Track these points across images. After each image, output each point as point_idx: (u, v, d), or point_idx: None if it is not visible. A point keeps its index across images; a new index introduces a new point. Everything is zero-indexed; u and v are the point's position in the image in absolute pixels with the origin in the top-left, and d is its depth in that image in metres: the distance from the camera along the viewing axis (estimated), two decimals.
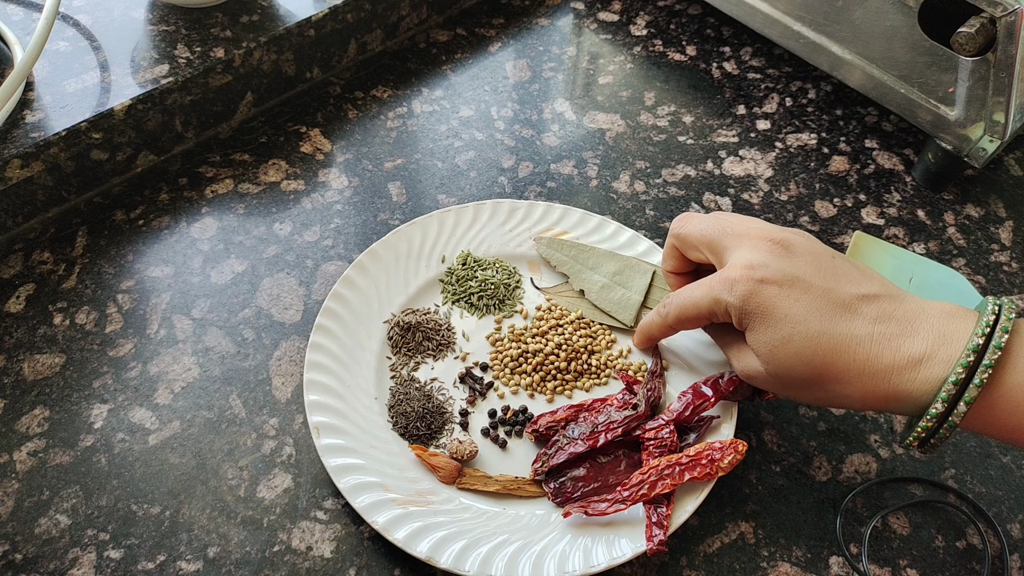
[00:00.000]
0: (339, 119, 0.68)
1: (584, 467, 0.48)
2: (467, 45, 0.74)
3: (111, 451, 0.49)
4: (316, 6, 0.66)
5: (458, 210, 0.58)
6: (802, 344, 0.41)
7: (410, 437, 0.50)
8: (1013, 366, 0.38)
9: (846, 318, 0.41)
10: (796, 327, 0.41)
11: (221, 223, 0.60)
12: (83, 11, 0.64)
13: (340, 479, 0.46)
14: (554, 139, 0.68)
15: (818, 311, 0.41)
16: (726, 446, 0.46)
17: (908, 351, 0.40)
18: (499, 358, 0.53)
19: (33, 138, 0.55)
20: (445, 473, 0.48)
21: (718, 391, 0.48)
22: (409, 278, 0.56)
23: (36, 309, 0.55)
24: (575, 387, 0.52)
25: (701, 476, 0.46)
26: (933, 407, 0.39)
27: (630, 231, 0.58)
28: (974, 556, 0.48)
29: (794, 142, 0.68)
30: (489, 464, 0.49)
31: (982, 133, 0.59)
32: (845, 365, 0.40)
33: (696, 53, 0.75)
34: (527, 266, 0.58)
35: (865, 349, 0.40)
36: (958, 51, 0.56)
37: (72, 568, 0.45)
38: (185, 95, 0.61)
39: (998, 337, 0.38)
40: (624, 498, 0.45)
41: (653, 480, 0.45)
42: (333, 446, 0.48)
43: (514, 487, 0.48)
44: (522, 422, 0.50)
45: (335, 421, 0.49)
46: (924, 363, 0.39)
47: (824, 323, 0.41)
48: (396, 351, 0.53)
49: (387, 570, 0.46)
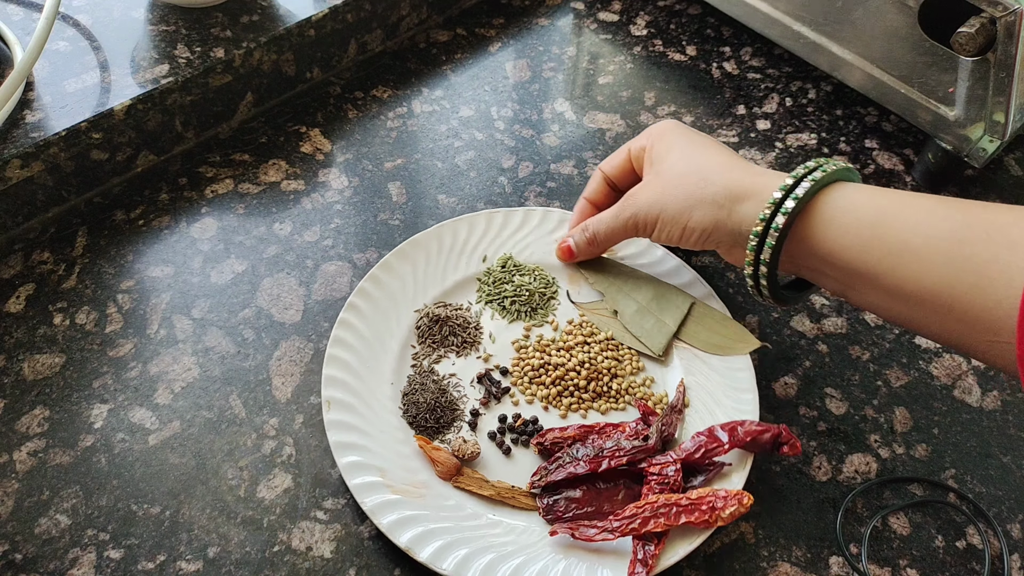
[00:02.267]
0: (339, 119, 0.68)
1: (581, 489, 0.47)
2: (467, 45, 0.74)
3: (111, 451, 0.49)
4: (316, 6, 0.66)
5: (507, 212, 0.58)
6: (687, 152, 0.49)
7: (418, 427, 0.50)
8: (826, 195, 0.44)
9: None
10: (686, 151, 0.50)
11: (221, 223, 0.60)
12: (83, 11, 0.64)
13: (340, 456, 0.47)
14: (554, 139, 0.68)
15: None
16: (730, 496, 0.45)
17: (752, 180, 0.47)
18: (520, 365, 0.53)
19: (33, 138, 0.55)
20: (444, 469, 0.48)
21: (734, 438, 0.47)
22: (448, 272, 0.56)
23: (36, 309, 0.55)
24: (591, 407, 0.52)
25: (698, 522, 0.44)
26: (756, 226, 0.45)
27: (676, 259, 0.56)
28: (974, 556, 0.48)
29: (794, 142, 0.68)
30: (489, 468, 0.49)
31: (982, 133, 0.59)
32: (716, 164, 0.48)
33: (696, 53, 0.75)
34: (567, 278, 0.57)
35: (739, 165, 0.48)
36: (958, 51, 0.56)
37: (72, 568, 0.45)
38: (185, 95, 0.61)
39: (809, 169, 0.44)
40: (614, 528, 0.44)
41: (647, 516, 0.44)
42: (340, 422, 0.48)
43: (508, 495, 0.47)
44: (531, 432, 0.50)
45: (347, 398, 0.49)
46: (748, 198, 0.46)
47: None
48: (421, 341, 0.53)
49: (387, 570, 0.46)
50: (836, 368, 0.55)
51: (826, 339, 0.56)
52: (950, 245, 0.39)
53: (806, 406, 0.53)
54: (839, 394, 0.54)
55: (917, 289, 0.40)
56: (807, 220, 0.44)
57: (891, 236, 0.41)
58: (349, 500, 0.48)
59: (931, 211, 0.41)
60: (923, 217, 0.41)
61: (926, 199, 0.42)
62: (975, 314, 0.38)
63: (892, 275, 0.41)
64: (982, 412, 0.53)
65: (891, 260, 0.41)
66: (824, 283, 0.46)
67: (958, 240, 0.39)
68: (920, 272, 0.40)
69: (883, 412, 0.53)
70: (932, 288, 0.40)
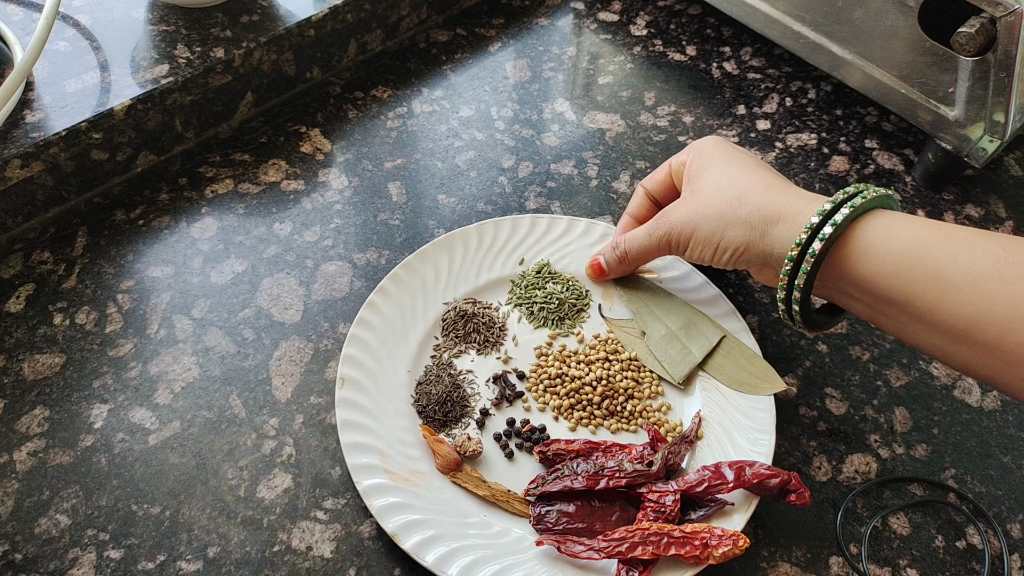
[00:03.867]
0: (339, 119, 0.68)
1: (576, 504, 0.47)
2: (467, 45, 0.74)
3: (111, 451, 0.49)
4: (316, 6, 0.66)
5: (551, 219, 0.58)
6: (730, 174, 0.48)
7: (426, 417, 0.50)
8: (860, 229, 0.43)
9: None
10: (729, 170, 0.49)
11: (221, 223, 0.60)
12: (83, 11, 0.64)
13: (344, 434, 0.47)
14: (554, 139, 0.68)
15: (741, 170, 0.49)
16: (726, 536, 0.44)
17: (790, 202, 0.46)
18: (538, 372, 0.53)
19: (33, 138, 0.55)
20: (444, 462, 0.48)
21: (740, 479, 0.45)
22: (483, 269, 0.56)
23: (36, 309, 0.55)
24: (601, 424, 0.51)
25: (687, 556, 0.43)
26: (791, 250, 0.44)
27: (715, 289, 0.55)
28: (974, 556, 0.48)
29: (794, 142, 0.68)
30: (489, 469, 0.49)
31: (982, 133, 0.59)
32: (756, 180, 0.47)
33: (696, 53, 0.75)
34: (600, 292, 0.57)
35: (776, 184, 0.47)
36: (958, 51, 0.56)
37: (72, 568, 0.45)
38: (185, 95, 0.61)
39: (849, 195, 0.44)
40: (600, 548, 0.44)
41: (635, 541, 0.43)
42: (350, 400, 0.49)
43: (503, 499, 0.47)
44: (536, 440, 0.50)
45: (362, 378, 0.50)
46: (783, 221, 0.45)
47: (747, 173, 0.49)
48: (445, 334, 0.54)
49: (387, 570, 0.46)
50: (836, 368, 0.55)
51: (826, 339, 0.56)
52: (989, 280, 0.39)
53: (806, 406, 0.53)
54: (839, 394, 0.54)
55: (954, 322, 0.40)
56: (843, 247, 0.43)
57: (930, 267, 0.41)
58: (349, 500, 0.48)
59: (971, 244, 0.40)
60: (963, 249, 0.40)
61: (966, 231, 0.41)
62: (1010, 350, 0.38)
63: (928, 306, 0.41)
64: (982, 412, 0.53)
65: (928, 291, 0.41)
66: (854, 308, 0.45)
67: (999, 276, 0.39)
68: (958, 305, 0.40)
69: (883, 412, 0.53)
70: (969, 321, 0.39)
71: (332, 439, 0.50)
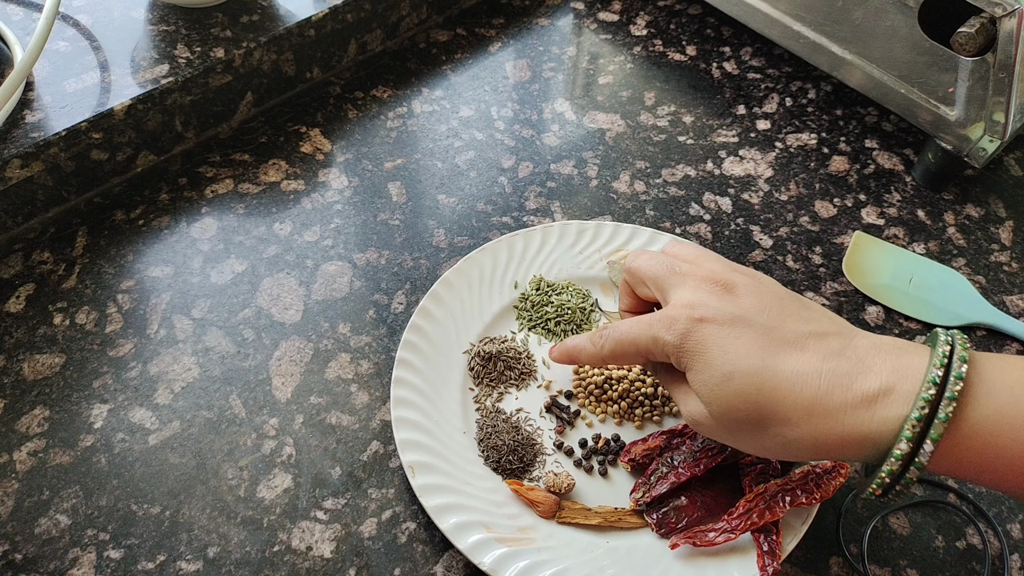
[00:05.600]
0: (339, 119, 0.68)
1: (685, 496, 0.46)
2: (467, 45, 0.74)
3: (111, 451, 0.49)
4: (316, 6, 0.66)
5: (526, 234, 0.57)
6: (744, 381, 0.38)
7: (503, 472, 0.48)
8: (975, 398, 0.35)
9: (791, 354, 0.38)
10: (737, 363, 0.38)
11: (221, 223, 0.60)
12: (83, 11, 0.64)
13: (441, 520, 0.45)
14: (554, 139, 0.68)
15: (760, 347, 0.38)
16: (828, 468, 0.45)
17: (861, 388, 0.36)
18: (583, 386, 0.52)
19: (33, 138, 0.55)
20: (545, 508, 0.46)
21: None
22: (484, 306, 0.54)
23: (36, 309, 0.55)
24: (664, 412, 0.51)
25: (808, 501, 0.44)
26: (897, 448, 0.35)
27: None
28: (974, 556, 0.48)
29: (794, 142, 0.68)
30: (585, 496, 0.48)
31: (982, 133, 0.59)
32: (792, 404, 0.37)
33: (696, 53, 0.75)
34: (599, 288, 0.56)
35: (813, 386, 0.37)
36: (958, 51, 0.56)
37: (72, 568, 0.45)
38: (185, 95, 0.61)
39: (957, 367, 0.35)
40: (734, 527, 0.44)
41: (761, 508, 0.44)
42: (430, 485, 0.46)
43: (615, 519, 0.46)
44: (615, 451, 0.49)
45: (428, 459, 0.47)
46: (880, 401, 0.36)
47: (767, 359, 0.37)
48: (478, 382, 0.52)
49: (387, 570, 0.46)
50: None
51: None
52: None
53: None
54: None
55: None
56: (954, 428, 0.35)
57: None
58: (349, 500, 0.48)
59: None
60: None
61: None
62: None
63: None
64: None
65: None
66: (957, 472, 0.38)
67: None
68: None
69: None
70: None
71: (332, 439, 0.50)
